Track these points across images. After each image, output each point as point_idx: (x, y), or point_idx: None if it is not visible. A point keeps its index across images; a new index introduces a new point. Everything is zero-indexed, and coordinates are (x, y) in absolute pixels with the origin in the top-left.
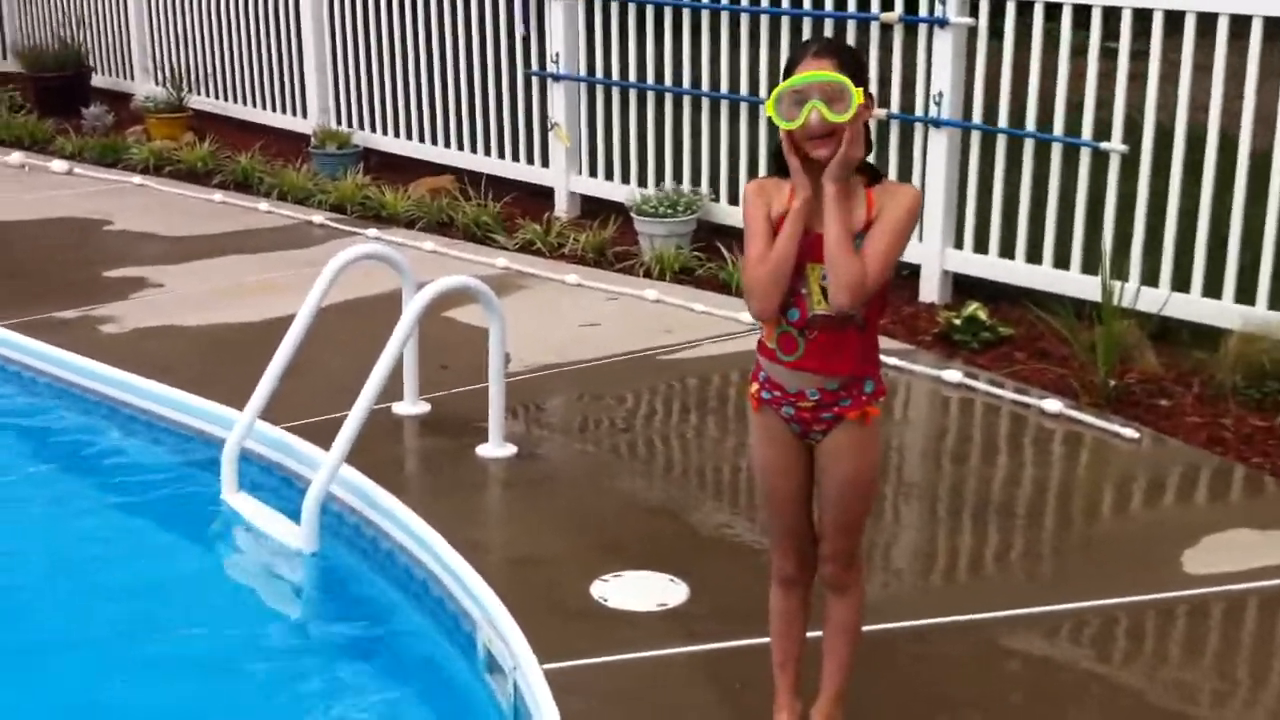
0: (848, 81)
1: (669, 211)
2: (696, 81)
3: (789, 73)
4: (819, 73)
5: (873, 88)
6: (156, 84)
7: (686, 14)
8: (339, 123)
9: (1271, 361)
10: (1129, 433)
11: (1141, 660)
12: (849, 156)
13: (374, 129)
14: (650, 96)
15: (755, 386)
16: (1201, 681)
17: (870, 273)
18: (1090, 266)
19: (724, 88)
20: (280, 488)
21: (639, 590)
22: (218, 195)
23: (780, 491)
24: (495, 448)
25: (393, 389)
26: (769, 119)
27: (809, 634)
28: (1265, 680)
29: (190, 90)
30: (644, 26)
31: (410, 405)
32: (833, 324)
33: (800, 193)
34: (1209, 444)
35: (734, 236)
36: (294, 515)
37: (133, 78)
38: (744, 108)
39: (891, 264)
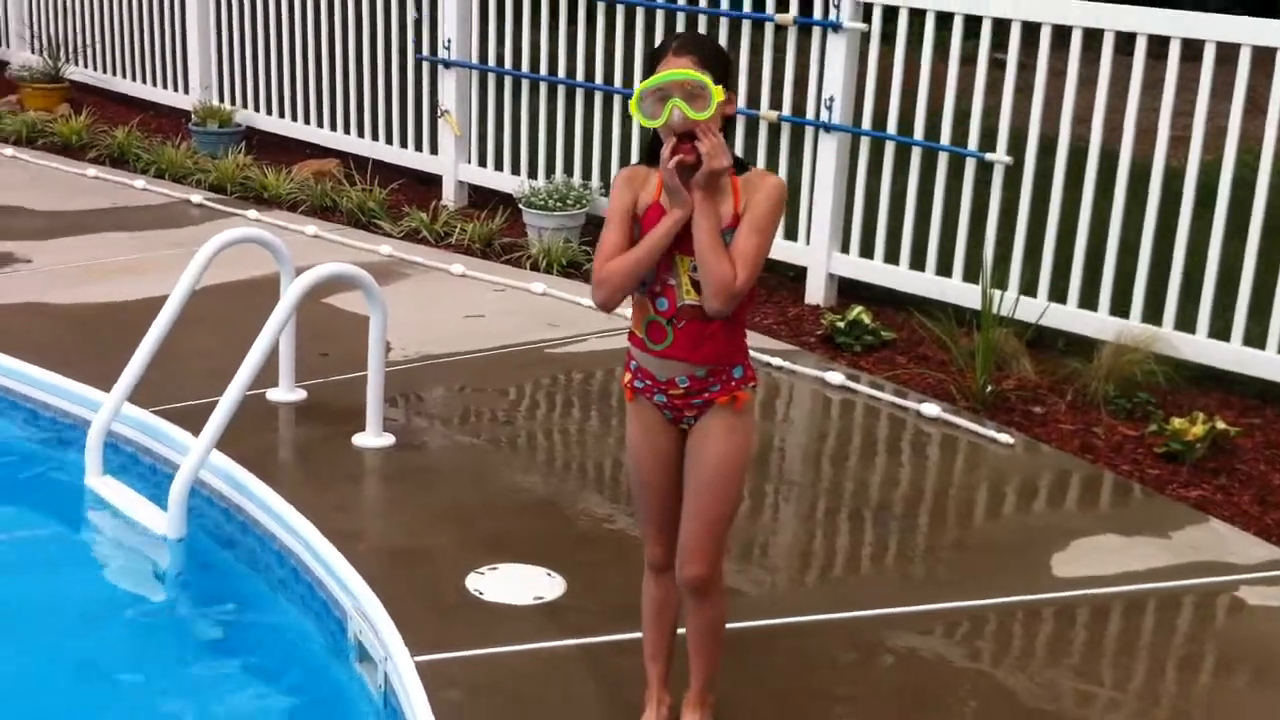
0: (707, 79)
1: (558, 205)
2: (590, 74)
3: (651, 70)
4: (679, 71)
5: (740, 83)
6: (33, 53)
7: (582, 6)
8: (221, 100)
9: (1143, 373)
10: (1004, 438)
11: (1011, 659)
12: (713, 169)
13: (257, 108)
14: (543, 88)
15: (628, 376)
16: (1068, 681)
17: (740, 276)
18: (972, 275)
19: (617, 82)
20: (148, 473)
21: (516, 584)
22: (92, 170)
23: (652, 478)
24: (373, 437)
25: (269, 375)
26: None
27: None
28: (1128, 681)
29: (69, 61)
30: (539, 16)
31: (286, 392)
32: (700, 314)
33: (677, 209)
34: (1080, 451)
35: None
36: (162, 502)
37: (8, 45)
38: None
39: (760, 262)
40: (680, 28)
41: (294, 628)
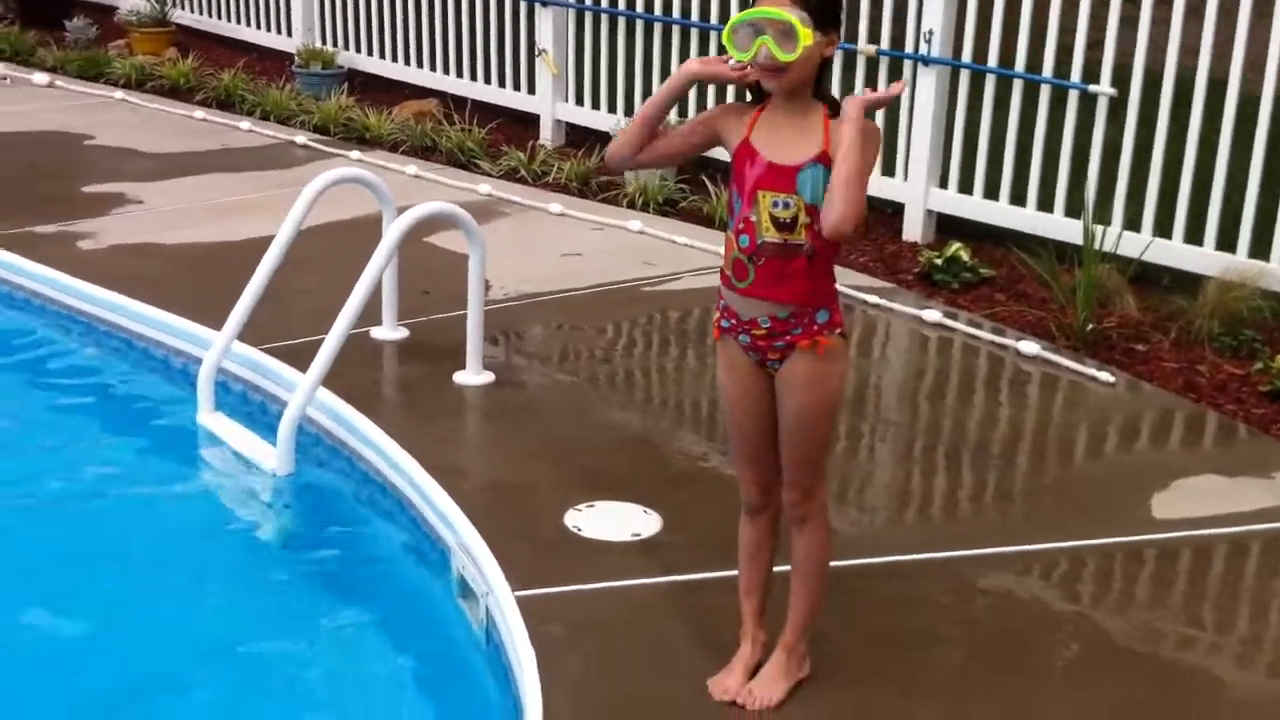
0: (796, 22)
1: None
2: (686, 11)
3: (753, 2)
4: (772, 9)
5: (843, 19)
6: None
7: None
8: (324, 42)
9: (1249, 310)
10: (1105, 376)
11: (1110, 601)
12: (881, 99)
13: (359, 49)
14: (639, 25)
15: (716, 315)
16: (1168, 624)
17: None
18: (1073, 210)
19: (714, 19)
20: (256, 409)
21: (613, 520)
22: (199, 113)
23: (742, 418)
24: (473, 375)
25: (372, 313)
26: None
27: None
28: (1229, 624)
29: (175, 5)
30: None
31: (389, 330)
32: (781, 251)
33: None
34: (1184, 390)
35: (718, 169)
36: (270, 437)
37: None
38: None
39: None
40: None
41: (398, 562)
